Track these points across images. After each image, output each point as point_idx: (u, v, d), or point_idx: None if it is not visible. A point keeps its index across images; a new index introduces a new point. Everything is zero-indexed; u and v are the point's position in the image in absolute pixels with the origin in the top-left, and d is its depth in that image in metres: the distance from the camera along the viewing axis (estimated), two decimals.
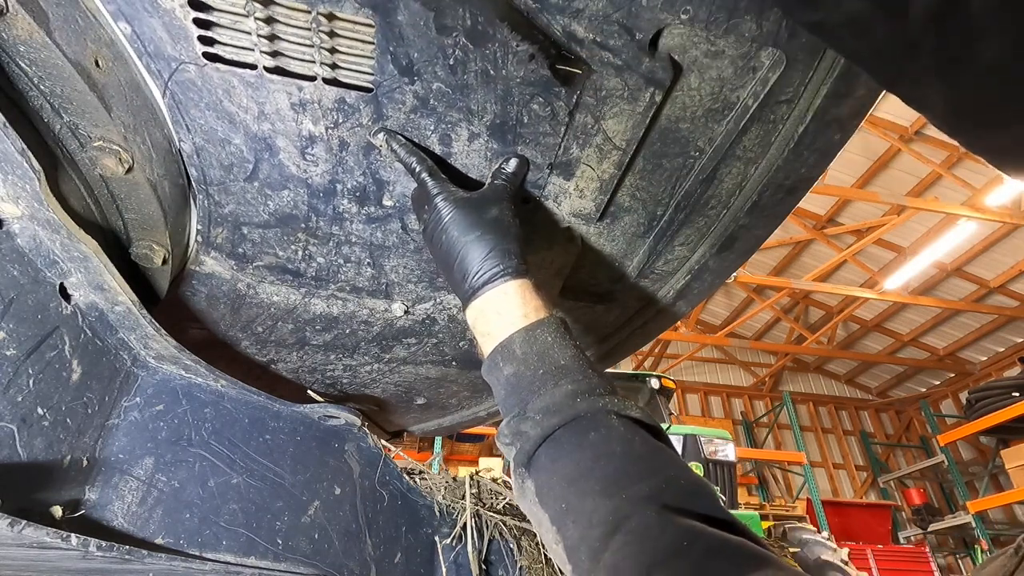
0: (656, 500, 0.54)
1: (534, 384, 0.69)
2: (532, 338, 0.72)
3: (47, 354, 0.73)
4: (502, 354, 0.73)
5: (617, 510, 0.54)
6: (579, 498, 0.58)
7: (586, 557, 0.55)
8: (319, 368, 1.30)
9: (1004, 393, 8.27)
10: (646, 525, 0.52)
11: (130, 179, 0.78)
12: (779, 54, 0.70)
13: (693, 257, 1.04)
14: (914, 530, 10.64)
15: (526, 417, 0.67)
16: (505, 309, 0.74)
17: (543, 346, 0.71)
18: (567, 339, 0.73)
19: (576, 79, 0.73)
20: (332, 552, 1.03)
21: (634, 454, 0.60)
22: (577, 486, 0.59)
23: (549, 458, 0.64)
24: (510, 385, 0.71)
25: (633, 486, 0.56)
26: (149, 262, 0.87)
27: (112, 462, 0.84)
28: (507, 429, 0.69)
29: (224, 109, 0.76)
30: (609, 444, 0.61)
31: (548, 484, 0.63)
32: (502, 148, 0.82)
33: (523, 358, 0.71)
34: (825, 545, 5.83)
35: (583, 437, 0.62)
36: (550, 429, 0.64)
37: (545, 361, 0.70)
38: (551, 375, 0.68)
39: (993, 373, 11.29)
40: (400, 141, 0.79)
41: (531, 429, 0.66)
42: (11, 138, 0.60)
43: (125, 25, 0.67)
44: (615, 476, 0.58)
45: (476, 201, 0.78)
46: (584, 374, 0.68)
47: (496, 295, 0.75)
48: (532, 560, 1.38)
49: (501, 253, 0.76)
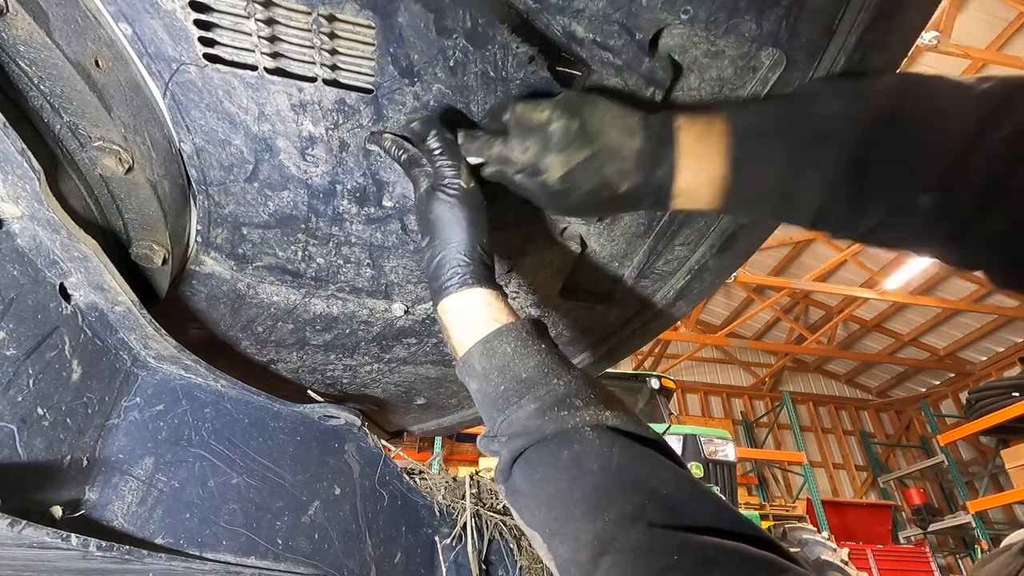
0: (641, 518, 0.52)
1: (498, 402, 0.66)
2: (490, 351, 0.68)
3: (47, 354, 0.73)
4: (465, 369, 0.71)
5: (602, 532, 0.52)
6: (561, 523, 0.56)
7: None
8: (319, 368, 1.30)
9: (1004, 393, 8.26)
10: (633, 545, 0.50)
11: (130, 179, 0.78)
12: (779, 54, 0.70)
13: (693, 257, 1.04)
14: (914, 530, 10.65)
15: (496, 437, 0.65)
16: (471, 313, 0.72)
17: (502, 359, 0.67)
18: (529, 347, 0.68)
19: (576, 80, 0.73)
20: (332, 552, 1.03)
21: (612, 470, 0.57)
22: (557, 511, 0.57)
23: (526, 480, 0.62)
24: (478, 401, 0.70)
25: (614, 506, 0.54)
26: (149, 262, 0.87)
27: (112, 462, 0.84)
28: (481, 445, 0.68)
29: (224, 110, 0.76)
30: (584, 462, 0.58)
31: (527, 507, 0.61)
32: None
33: (484, 374, 0.68)
34: (825, 545, 5.84)
35: (556, 457, 0.60)
36: (517, 451, 0.62)
37: (506, 376, 0.66)
38: (514, 391, 0.65)
39: (993, 373, 11.29)
40: (390, 138, 0.78)
41: (501, 449, 0.64)
42: (11, 138, 0.60)
43: (126, 26, 0.67)
44: (595, 497, 0.55)
45: (454, 201, 0.75)
46: (548, 387, 0.64)
47: (463, 296, 0.73)
48: (532, 560, 1.38)
49: (472, 259, 0.74)
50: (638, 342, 1.28)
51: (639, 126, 0.70)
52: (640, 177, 0.70)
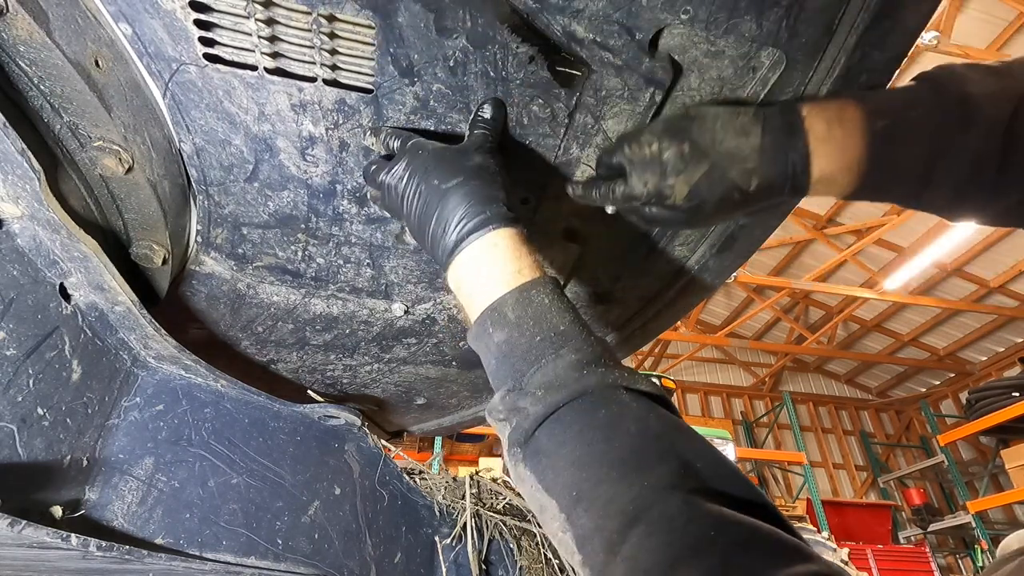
0: (680, 485, 0.49)
1: (530, 353, 0.61)
2: (527, 299, 0.63)
3: (47, 354, 0.73)
4: (492, 318, 0.64)
5: (637, 498, 0.49)
6: (592, 485, 0.52)
7: (601, 549, 0.49)
8: (319, 368, 1.30)
9: (1004, 393, 8.26)
10: (670, 515, 0.47)
11: (130, 179, 0.78)
12: (779, 54, 0.70)
13: (693, 257, 1.04)
14: (914, 530, 10.64)
15: (524, 392, 0.60)
16: (494, 265, 0.66)
17: (539, 308, 0.63)
18: (564, 301, 0.65)
19: (576, 80, 0.73)
20: (332, 552, 1.03)
21: (651, 434, 0.54)
22: (589, 471, 0.53)
23: (553, 440, 0.57)
24: (501, 353, 0.63)
25: (653, 470, 0.51)
26: (149, 262, 0.87)
27: (112, 462, 0.84)
28: (501, 404, 0.62)
29: (224, 110, 0.76)
30: (622, 423, 0.55)
31: (553, 468, 0.56)
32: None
33: (517, 322, 0.62)
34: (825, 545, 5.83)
35: (592, 416, 0.56)
36: (553, 406, 0.57)
37: (542, 326, 0.62)
38: (550, 342, 0.60)
39: (993, 373, 11.28)
40: (383, 132, 0.76)
41: (531, 406, 0.58)
42: (11, 138, 0.60)
43: (126, 26, 0.67)
44: (633, 460, 0.52)
45: (455, 150, 0.71)
46: (587, 341, 0.61)
47: (483, 248, 0.66)
48: (532, 560, 1.38)
49: (487, 199, 0.68)
50: (638, 342, 1.28)
51: (754, 122, 0.70)
52: (770, 171, 0.70)
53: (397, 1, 0.64)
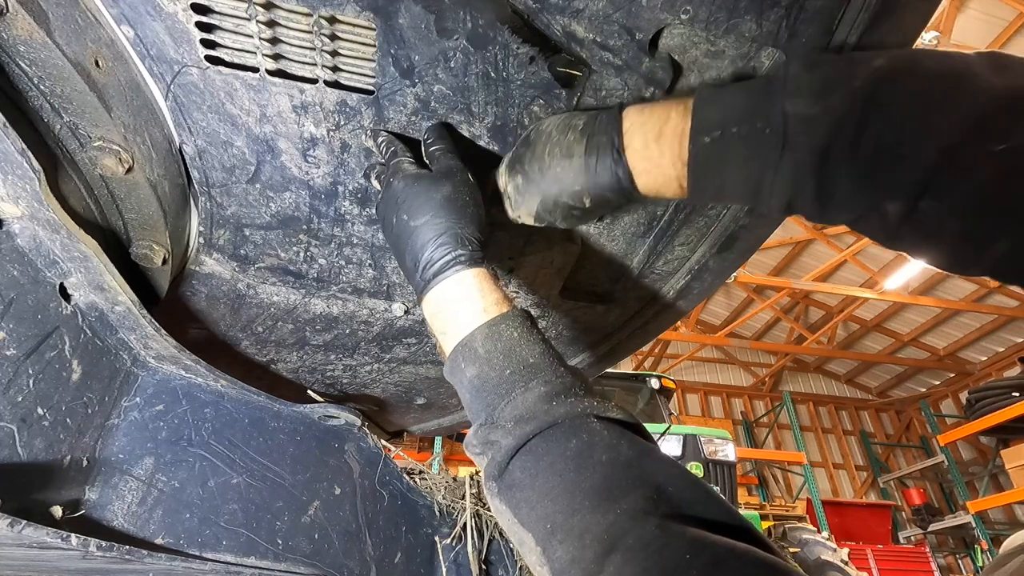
0: (654, 511, 0.49)
1: (501, 386, 0.62)
2: (496, 334, 0.65)
3: (47, 354, 0.73)
4: (463, 353, 0.66)
5: (612, 526, 0.49)
6: (566, 516, 0.52)
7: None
8: (319, 368, 1.30)
9: (1004, 393, 8.26)
10: (645, 541, 0.47)
11: (130, 179, 0.78)
12: (779, 54, 0.70)
13: (693, 257, 1.04)
14: (914, 530, 10.64)
15: (496, 425, 0.61)
16: (461, 303, 0.67)
17: (509, 343, 0.64)
18: (534, 334, 0.66)
19: (576, 80, 0.73)
20: (332, 552, 1.03)
21: (622, 461, 0.54)
22: (562, 502, 0.53)
23: (526, 472, 0.57)
24: (474, 388, 0.65)
25: (626, 497, 0.51)
26: (149, 262, 0.87)
27: (112, 462, 0.84)
28: (475, 439, 0.63)
29: (226, 112, 0.76)
30: (593, 452, 0.55)
31: (527, 501, 0.56)
32: (502, 150, 0.82)
33: (487, 357, 0.64)
34: (825, 545, 5.84)
35: (563, 446, 0.56)
36: (524, 438, 0.58)
37: (512, 359, 0.63)
38: (520, 375, 0.62)
39: (993, 373, 11.28)
40: (384, 135, 0.78)
41: (503, 438, 0.59)
42: (11, 138, 0.60)
43: (128, 28, 0.67)
44: (605, 488, 0.52)
45: (427, 180, 0.71)
46: (556, 373, 0.62)
47: (451, 286, 0.68)
48: None
49: (452, 240, 0.69)
50: (638, 342, 1.28)
51: (579, 140, 0.71)
52: (598, 189, 0.71)
53: (398, 2, 0.64)
